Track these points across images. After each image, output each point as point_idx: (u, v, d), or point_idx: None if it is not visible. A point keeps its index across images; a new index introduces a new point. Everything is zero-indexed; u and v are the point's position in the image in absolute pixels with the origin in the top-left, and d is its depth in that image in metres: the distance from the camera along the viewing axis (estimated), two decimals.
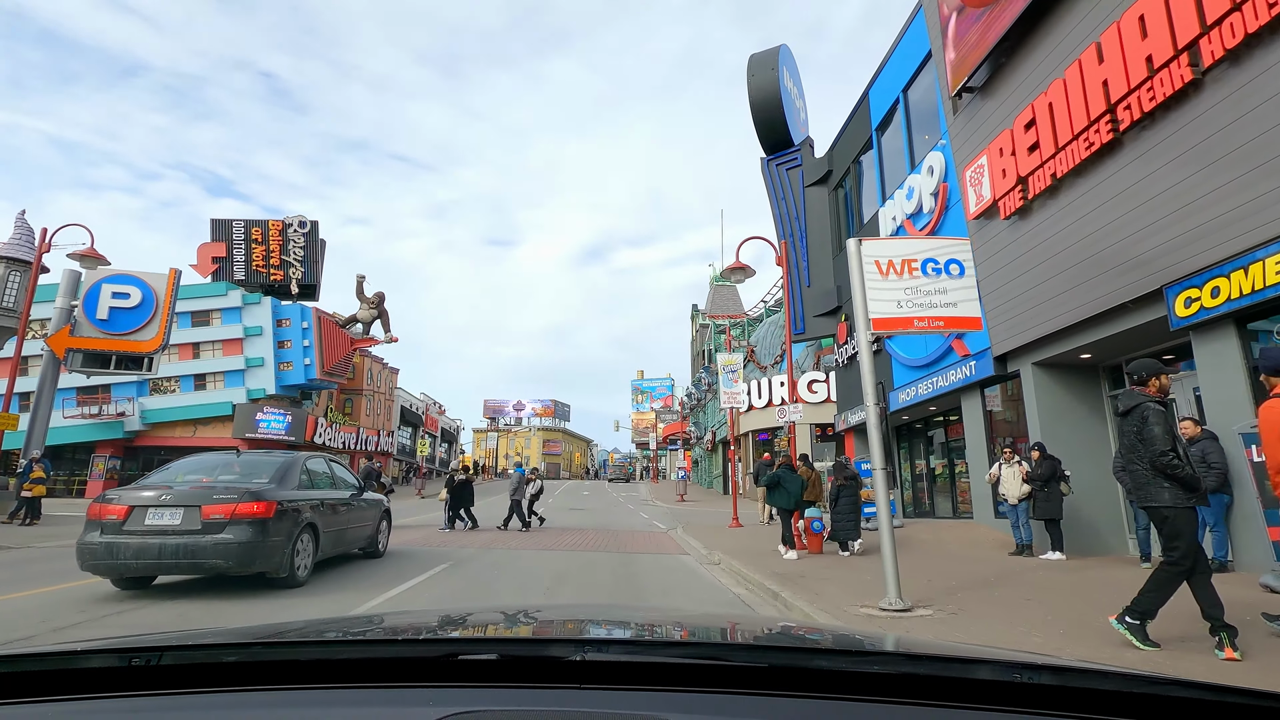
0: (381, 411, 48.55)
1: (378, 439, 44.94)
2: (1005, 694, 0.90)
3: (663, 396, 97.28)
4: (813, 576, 8.16)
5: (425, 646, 1.15)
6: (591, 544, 12.81)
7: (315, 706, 0.91)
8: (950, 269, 6.25)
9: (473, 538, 13.57)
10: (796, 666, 1.05)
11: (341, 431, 39.57)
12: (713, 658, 1.06)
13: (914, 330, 6.15)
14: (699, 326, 57.24)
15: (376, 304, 37.66)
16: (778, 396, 33.33)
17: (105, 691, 0.94)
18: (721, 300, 60.79)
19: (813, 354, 35.55)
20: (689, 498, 35.78)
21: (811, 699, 0.90)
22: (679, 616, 2.16)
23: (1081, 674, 0.96)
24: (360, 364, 45.37)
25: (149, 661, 0.97)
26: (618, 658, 1.03)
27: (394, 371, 51.32)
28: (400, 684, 0.96)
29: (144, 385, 33.33)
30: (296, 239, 37.20)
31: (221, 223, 36.89)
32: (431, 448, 61.91)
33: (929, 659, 1.06)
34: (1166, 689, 0.87)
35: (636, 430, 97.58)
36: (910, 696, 0.90)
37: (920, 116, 14.88)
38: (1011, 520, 10.12)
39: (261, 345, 34.32)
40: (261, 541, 6.23)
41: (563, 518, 21.15)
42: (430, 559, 9.91)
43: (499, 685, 0.95)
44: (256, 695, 0.94)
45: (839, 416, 19.40)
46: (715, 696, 0.91)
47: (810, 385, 32.12)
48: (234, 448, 7.25)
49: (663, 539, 14.48)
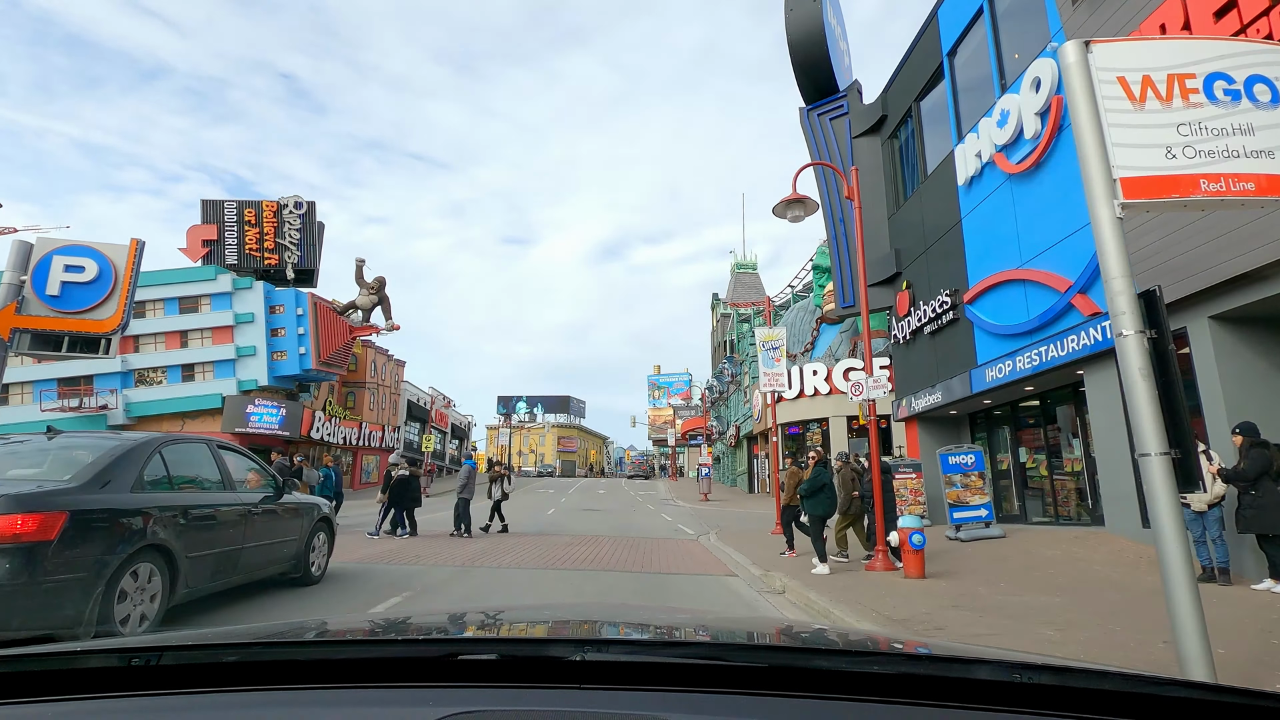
0: (387, 406, 46.16)
1: (382, 434, 42.54)
2: (1005, 694, 0.89)
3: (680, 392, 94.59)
4: (947, 623, 5.36)
5: (425, 646, 1.15)
6: (608, 559, 10.07)
7: (315, 706, 0.91)
8: (1256, 93, 3.43)
9: (449, 551, 10.87)
10: (796, 666, 1.04)
11: (342, 426, 37.16)
12: (713, 658, 1.05)
13: (1199, 199, 3.33)
14: (720, 316, 54.34)
15: (377, 290, 35.18)
16: (810, 386, 30.44)
17: (105, 691, 0.94)
18: (743, 288, 57.94)
19: (848, 340, 32.58)
20: (713, 496, 32.96)
21: (812, 699, 0.89)
22: (679, 616, 2.05)
23: (1081, 674, 0.95)
24: (363, 355, 42.99)
25: (149, 661, 0.96)
26: (618, 658, 1.02)
27: (400, 364, 48.91)
28: (400, 684, 0.96)
29: (129, 376, 31.12)
30: (292, 220, 34.84)
31: (212, 203, 34.61)
32: (441, 444, 59.58)
33: (929, 659, 1.06)
34: (1166, 689, 0.86)
35: (653, 426, 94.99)
36: (910, 696, 0.89)
37: (1012, 25, 11.96)
38: (1194, 534, 7.23)
39: (253, 333, 31.96)
40: (27, 581, 3.56)
41: (574, 521, 18.43)
42: (384, 585, 7.23)
43: (499, 685, 0.94)
44: (256, 695, 0.93)
45: (898, 403, 16.49)
46: (716, 696, 0.90)
47: (847, 374, 29.25)
48: (50, 426, 4.34)
49: (696, 551, 11.71)
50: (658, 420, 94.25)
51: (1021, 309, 11.29)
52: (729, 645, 1.26)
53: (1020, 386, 11.97)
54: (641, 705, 0.87)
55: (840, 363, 29.52)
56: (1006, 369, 11.52)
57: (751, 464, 39.36)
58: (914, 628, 5.26)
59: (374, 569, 8.52)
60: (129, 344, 31.33)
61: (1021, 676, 0.89)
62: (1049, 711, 0.84)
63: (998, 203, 11.98)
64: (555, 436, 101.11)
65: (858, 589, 7.06)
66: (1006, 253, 11.73)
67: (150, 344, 31.73)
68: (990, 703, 0.88)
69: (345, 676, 0.98)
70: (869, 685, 0.92)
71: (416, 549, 10.88)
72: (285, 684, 0.96)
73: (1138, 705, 0.85)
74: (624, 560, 9.98)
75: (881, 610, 5.91)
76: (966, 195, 13.04)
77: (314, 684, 0.96)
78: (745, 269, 57.75)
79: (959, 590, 7.04)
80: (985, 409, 14.40)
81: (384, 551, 10.46)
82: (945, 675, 0.96)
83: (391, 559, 9.55)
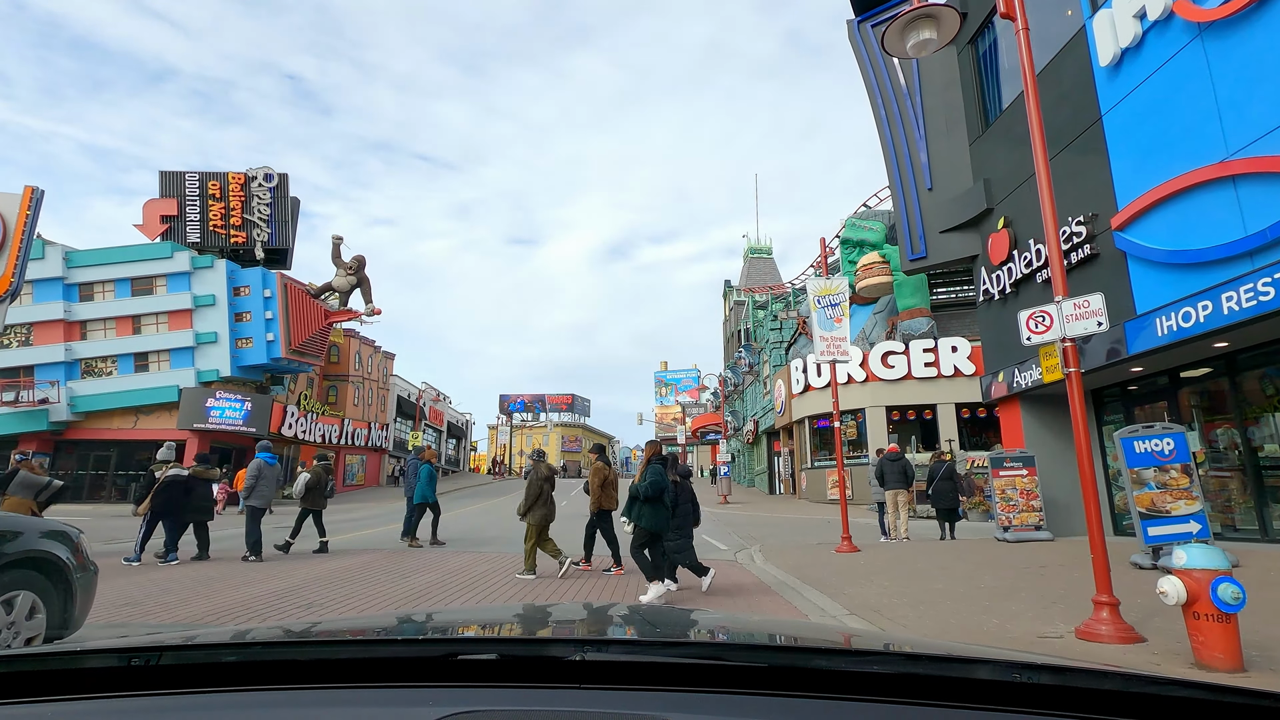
0: (374, 401, 42.60)
1: (368, 432, 39.00)
2: (1005, 694, 0.88)
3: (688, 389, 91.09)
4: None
5: (425, 646, 1.14)
6: (617, 597, 6.44)
7: (315, 706, 0.90)
8: None
9: (233, 592, 7.26)
10: (796, 666, 1.03)
11: (320, 423, 33.63)
12: (713, 658, 1.04)
13: None
14: (733, 304, 50.63)
15: (356, 270, 31.58)
16: (842, 373, 26.71)
17: (105, 691, 0.93)
18: (757, 273, 54.17)
19: (883, 321, 28.87)
20: (731, 499, 29.27)
21: (811, 699, 0.89)
22: (679, 616, 1.87)
23: (1081, 674, 0.94)
24: (346, 346, 39.47)
25: (148, 661, 0.96)
26: (618, 657, 1.01)
27: (389, 357, 45.34)
28: (400, 684, 0.95)
29: (74, 367, 27.61)
30: (262, 194, 31.28)
31: (171, 175, 31.05)
32: (438, 443, 56.01)
33: (929, 659, 1.04)
34: (1166, 689, 0.85)
35: (660, 425, 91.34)
36: (910, 696, 0.88)
37: None
38: None
39: (215, 318, 28.40)
40: None
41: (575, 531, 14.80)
42: None
43: (499, 685, 0.94)
44: (256, 695, 0.93)
45: (989, 381, 12.81)
46: (715, 696, 0.89)
47: (885, 358, 25.61)
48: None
49: (742, 580, 8.07)
50: (665, 418, 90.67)
51: (1230, 221, 7.60)
52: (729, 645, 1.25)
53: (1209, 342, 8.30)
54: (641, 705, 0.87)
55: (876, 346, 25.89)
56: (1200, 314, 7.83)
57: (772, 462, 35.65)
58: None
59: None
60: (75, 330, 27.88)
61: (1021, 676, 0.88)
62: (1049, 711, 0.83)
63: (1177, 74, 8.31)
64: (559, 435, 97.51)
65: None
66: (1195, 144, 8.06)
67: (98, 330, 28.21)
68: (990, 703, 0.87)
69: (345, 676, 0.97)
70: (869, 685, 0.90)
71: (184, 587, 7.33)
72: (285, 684, 0.95)
73: (1138, 705, 0.84)
74: (639, 597, 6.33)
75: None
76: (1112, 80, 9.37)
77: (314, 684, 0.95)
78: (759, 253, 54.03)
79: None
80: (1124, 381, 10.72)
81: (122, 596, 6.82)
82: (945, 675, 0.95)
83: (124, 612, 5.97)
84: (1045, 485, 10.80)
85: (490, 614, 1.77)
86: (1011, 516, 10.66)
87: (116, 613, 6.08)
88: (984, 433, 25.03)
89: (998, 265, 12.02)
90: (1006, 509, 10.71)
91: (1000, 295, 12.02)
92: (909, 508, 12.91)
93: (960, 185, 13.22)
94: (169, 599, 6.75)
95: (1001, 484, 10.82)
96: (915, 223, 13.78)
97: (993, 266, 12.21)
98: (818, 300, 11.40)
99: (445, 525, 16.36)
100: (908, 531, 12.12)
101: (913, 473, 12.61)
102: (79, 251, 28.24)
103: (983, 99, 13.00)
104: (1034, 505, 10.64)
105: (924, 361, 24.88)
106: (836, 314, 11.31)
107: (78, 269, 27.97)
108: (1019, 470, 10.75)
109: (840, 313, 11.30)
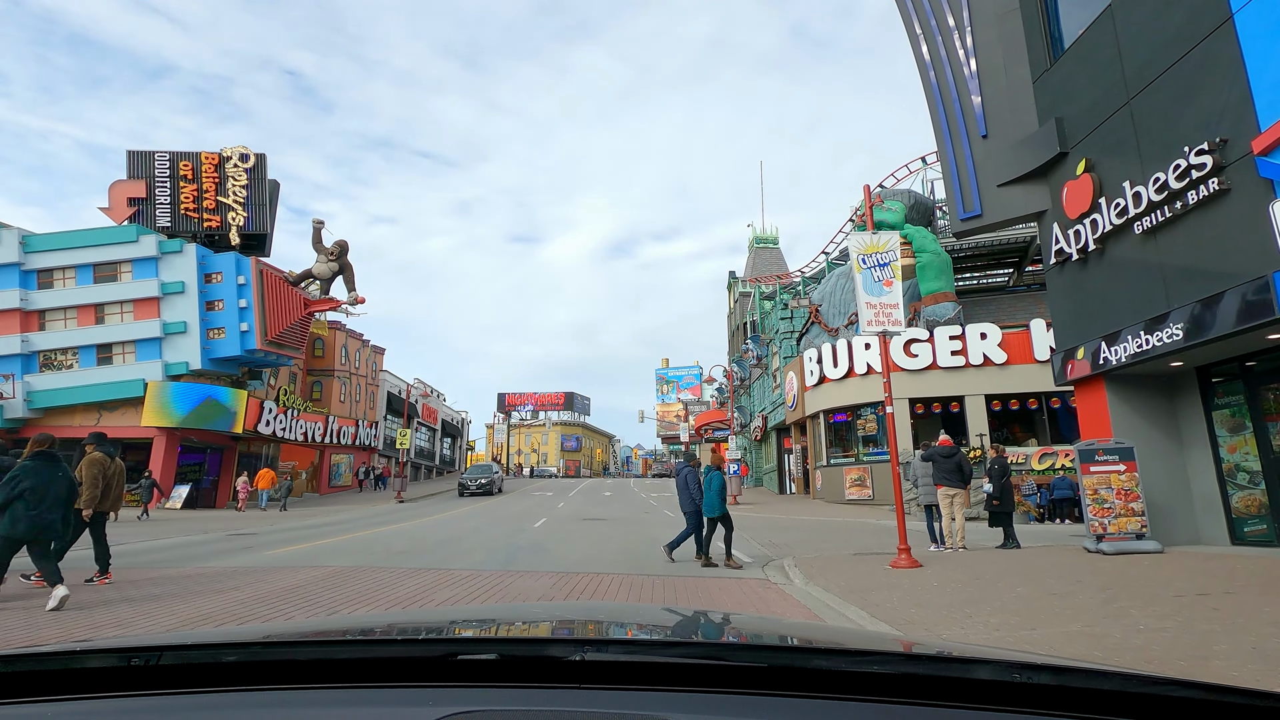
0: (362, 398, 40.55)
1: (355, 430, 36.95)
2: (1005, 694, 0.87)
3: (690, 386, 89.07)
4: None
5: (425, 646, 1.12)
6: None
7: (315, 706, 0.89)
8: None
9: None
10: (796, 666, 1.02)
11: (302, 420, 31.56)
12: (713, 657, 1.03)
13: None
14: (738, 296, 48.59)
15: (338, 255, 29.48)
16: (861, 363, 24.68)
17: (105, 691, 0.92)
18: (763, 263, 52.09)
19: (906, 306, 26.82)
20: (742, 499, 27.23)
21: (811, 699, 0.88)
22: (679, 616, 1.91)
23: (1081, 674, 0.93)
24: (331, 339, 37.44)
25: (148, 661, 0.95)
26: (617, 657, 0.99)
27: (379, 351, 43.30)
28: (400, 684, 0.94)
29: (32, 360, 25.56)
30: (237, 175, 29.24)
31: (140, 154, 29.05)
32: (431, 442, 53.99)
33: (928, 659, 1.04)
34: (1166, 689, 0.85)
35: (662, 423, 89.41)
36: (910, 696, 0.87)
37: None
38: None
39: (184, 306, 26.33)
40: None
41: (568, 538, 12.78)
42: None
43: (499, 685, 0.92)
44: (256, 695, 0.91)
45: (1063, 359, 10.75)
46: (715, 696, 0.88)
47: (908, 347, 23.51)
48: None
49: (787, 611, 6.02)
50: (667, 416, 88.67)
51: None
52: (729, 645, 1.24)
53: None
54: (641, 705, 0.86)
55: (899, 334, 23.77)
56: None
57: (783, 460, 33.63)
58: None
59: None
60: (33, 320, 25.85)
61: (1021, 676, 0.87)
62: (1049, 711, 0.83)
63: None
64: (558, 434, 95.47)
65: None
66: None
67: (58, 319, 26.15)
68: (990, 703, 0.86)
69: (345, 676, 0.96)
70: (869, 685, 0.89)
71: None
72: (285, 684, 0.94)
73: (1138, 705, 0.84)
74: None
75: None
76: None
77: (314, 684, 0.95)
78: (765, 243, 51.98)
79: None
80: (1243, 355, 8.68)
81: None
82: (945, 675, 0.94)
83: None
84: (1148, 486, 8.78)
85: (490, 614, 1.79)
86: (1106, 522, 8.63)
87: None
88: (1009, 426, 23.06)
89: (1076, 219, 9.98)
90: (1099, 513, 8.68)
91: (1080, 254, 9.98)
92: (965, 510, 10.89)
93: (1023, 129, 11.19)
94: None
95: (1093, 481, 8.79)
96: (968, 177, 11.76)
97: (1069, 221, 10.17)
98: (862, 260, 9.35)
99: (446, 524, 14.54)
100: (964, 539, 10.12)
101: (969, 469, 10.59)
102: (37, 235, 26.18)
103: (1048, 26, 10.99)
104: (1134, 508, 8.61)
105: (950, 350, 22.79)
106: (886, 275, 9.26)
107: (36, 254, 25.91)
108: (1115, 465, 8.72)
109: (890, 274, 9.26)
